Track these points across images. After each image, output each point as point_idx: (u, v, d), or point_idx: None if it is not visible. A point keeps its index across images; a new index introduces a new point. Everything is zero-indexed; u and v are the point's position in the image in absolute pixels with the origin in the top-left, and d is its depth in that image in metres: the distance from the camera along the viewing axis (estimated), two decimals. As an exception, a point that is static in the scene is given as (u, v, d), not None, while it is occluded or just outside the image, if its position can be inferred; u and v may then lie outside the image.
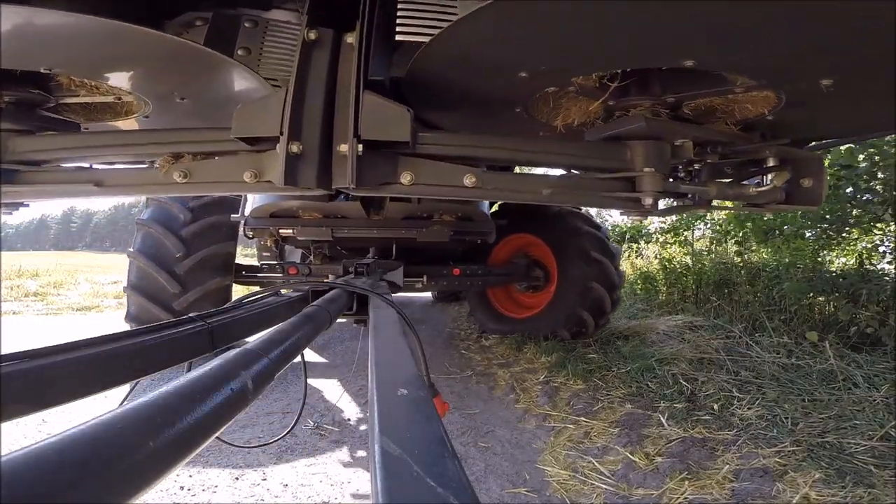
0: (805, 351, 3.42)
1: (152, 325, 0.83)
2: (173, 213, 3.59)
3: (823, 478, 1.86)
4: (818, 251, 4.46)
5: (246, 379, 0.55)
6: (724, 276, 4.86)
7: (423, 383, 0.62)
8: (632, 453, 2.17)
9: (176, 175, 1.44)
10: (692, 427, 2.38)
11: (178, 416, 0.41)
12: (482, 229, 3.85)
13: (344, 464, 2.25)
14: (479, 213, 3.76)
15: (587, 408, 2.79)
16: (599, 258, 4.00)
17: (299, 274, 3.92)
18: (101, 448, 0.32)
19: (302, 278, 3.88)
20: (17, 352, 0.60)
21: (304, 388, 1.77)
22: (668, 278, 5.92)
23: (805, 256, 4.41)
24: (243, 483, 2.07)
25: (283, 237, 3.79)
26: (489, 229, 3.89)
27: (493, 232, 3.92)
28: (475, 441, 2.52)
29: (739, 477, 1.93)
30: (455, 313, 6.66)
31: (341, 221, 3.54)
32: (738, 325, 4.04)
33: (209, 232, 3.57)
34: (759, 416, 2.46)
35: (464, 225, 3.73)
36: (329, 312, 1.19)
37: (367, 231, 3.59)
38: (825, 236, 4.15)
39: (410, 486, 0.35)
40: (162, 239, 3.45)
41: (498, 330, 4.67)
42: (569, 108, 1.79)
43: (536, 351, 3.94)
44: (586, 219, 4.32)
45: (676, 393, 2.83)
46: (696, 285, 5.22)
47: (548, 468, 2.19)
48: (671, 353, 3.49)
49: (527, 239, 4.55)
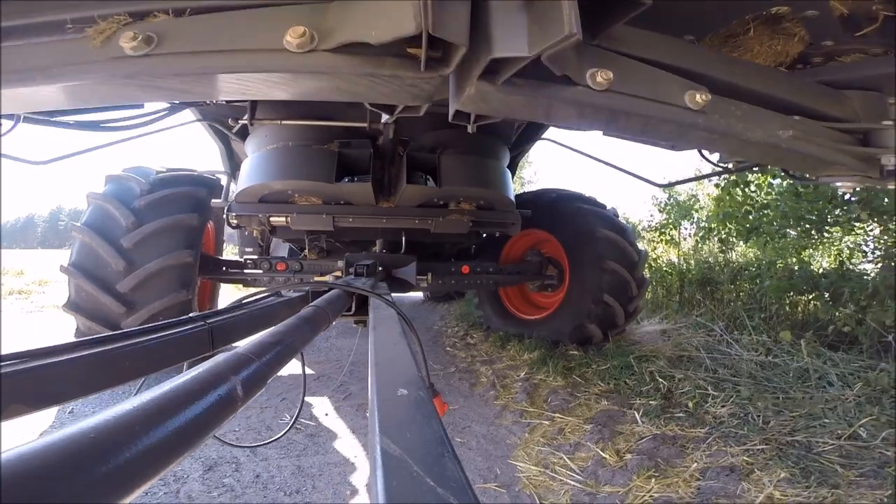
0: (783, 349, 3.45)
1: (152, 325, 0.83)
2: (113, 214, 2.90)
3: (788, 477, 1.88)
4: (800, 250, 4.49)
5: (235, 384, 0.53)
6: (707, 275, 4.89)
7: (422, 383, 0.62)
8: (603, 450, 2.19)
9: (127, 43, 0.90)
10: (665, 424, 2.40)
11: (157, 424, 0.38)
12: (505, 220, 3.38)
13: (316, 457, 2.26)
14: (503, 201, 3.26)
15: (564, 404, 2.80)
16: (615, 268, 3.53)
17: (288, 270, 3.45)
18: (67, 460, 0.30)
19: (290, 275, 3.45)
20: (17, 352, 0.60)
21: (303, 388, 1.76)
22: (653, 276, 5.95)
23: (787, 255, 4.45)
24: (215, 474, 2.08)
25: (273, 227, 3.20)
26: (513, 220, 3.40)
27: (518, 223, 3.45)
28: (452, 436, 2.48)
29: (706, 475, 1.95)
30: (444, 311, 6.66)
31: (345, 209, 3.04)
32: (720, 323, 4.07)
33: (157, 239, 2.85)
34: (731, 414, 2.48)
35: (485, 214, 3.28)
36: (327, 313, 1.15)
37: (374, 220, 3.10)
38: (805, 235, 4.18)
39: (410, 486, 0.35)
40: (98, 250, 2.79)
41: (503, 329, 4.39)
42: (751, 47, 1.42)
43: (520, 348, 3.95)
44: (606, 219, 3.76)
45: (653, 390, 2.85)
46: (681, 283, 5.25)
47: (520, 464, 2.20)
48: (650, 351, 3.51)
49: (538, 235, 4.14)
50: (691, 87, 1.11)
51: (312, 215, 3.02)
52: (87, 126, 2.37)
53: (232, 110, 2.97)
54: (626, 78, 1.06)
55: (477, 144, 3.16)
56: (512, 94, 1.01)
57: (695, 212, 6.85)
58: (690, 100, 1.10)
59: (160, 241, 2.86)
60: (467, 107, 1.07)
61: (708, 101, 1.10)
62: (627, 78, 1.07)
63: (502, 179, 3.30)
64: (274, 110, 2.81)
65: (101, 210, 2.96)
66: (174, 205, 3.04)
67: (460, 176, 3.04)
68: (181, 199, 3.12)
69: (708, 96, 1.10)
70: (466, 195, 3.16)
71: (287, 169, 2.85)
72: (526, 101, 1.06)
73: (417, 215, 3.14)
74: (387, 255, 3.31)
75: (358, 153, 2.94)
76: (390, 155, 3.10)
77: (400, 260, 3.16)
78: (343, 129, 2.87)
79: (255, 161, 3.03)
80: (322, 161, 2.84)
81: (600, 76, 1.01)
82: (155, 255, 2.81)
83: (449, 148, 3.08)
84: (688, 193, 7.24)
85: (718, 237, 5.62)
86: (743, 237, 4.75)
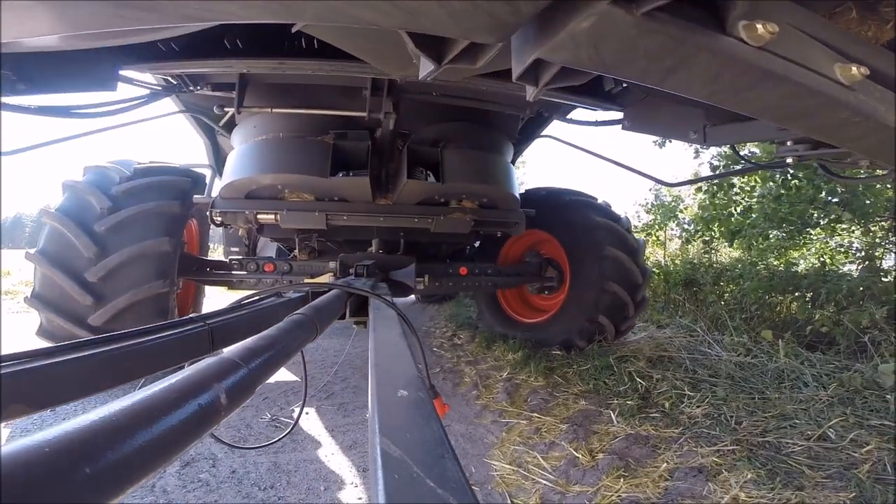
0: (762, 350, 3.50)
1: (152, 325, 0.82)
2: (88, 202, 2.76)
3: (755, 478, 1.91)
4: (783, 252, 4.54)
5: (219, 392, 0.50)
6: (691, 276, 4.93)
7: (422, 384, 0.62)
8: (576, 449, 2.22)
9: None
10: (639, 424, 2.43)
11: (125, 437, 0.35)
12: (509, 219, 3.22)
13: (293, 454, 2.27)
14: (508, 199, 3.09)
15: (543, 404, 2.83)
16: (616, 254, 3.42)
17: (276, 272, 3.25)
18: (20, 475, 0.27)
19: (279, 277, 3.26)
20: (17, 352, 0.60)
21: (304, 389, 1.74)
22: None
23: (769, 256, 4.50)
24: (191, 469, 2.10)
25: (261, 225, 2.98)
26: (517, 219, 3.24)
27: (523, 223, 3.28)
28: (429, 437, 2.55)
29: (674, 475, 1.98)
30: (433, 312, 6.68)
31: (340, 206, 2.83)
32: (702, 323, 4.11)
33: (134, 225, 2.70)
34: (705, 415, 2.52)
35: (488, 213, 3.10)
36: (325, 315, 1.11)
37: (370, 219, 2.89)
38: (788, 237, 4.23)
39: (410, 487, 0.36)
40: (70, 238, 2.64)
41: (502, 333, 4.23)
42: None
43: (505, 349, 3.98)
44: (601, 209, 3.73)
45: (631, 390, 2.88)
46: (665, 284, 5.29)
47: (494, 462, 2.22)
48: (631, 351, 3.55)
49: (537, 235, 4.00)
50: (841, 59, 0.95)
51: (304, 212, 2.79)
52: (57, 112, 2.17)
53: (217, 99, 2.73)
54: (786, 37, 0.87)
55: (482, 139, 3.01)
56: (652, 32, 0.77)
57: (679, 213, 6.90)
58: (843, 73, 0.93)
59: (137, 228, 2.70)
60: (575, 48, 0.79)
61: (865, 74, 0.94)
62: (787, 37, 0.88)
63: (507, 176, 3.16)
64: (264, 97, 2.62)
65: (76, 196, 2.79)
66: (155, 192, 2.90)
67: (464, 171, 2.86)
68: (162, 186, 2.98)
69: (865, 70, 0.93)
70: (470, 192, 2.98)
71: (277, 162, 2.66)
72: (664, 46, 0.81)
73: (417, 213, 2.94)
74: (384, 256, 3.13)
75: (355, 146, 2.73)
76: (389, 148, 2.91)
77: (398, 261, 3.00)
78: (339, 120, 2.69)
79: (241, 153, 2.82)
80: (315, 153, 2.63)
81: (763, 28, 0.79)
82: (130, 242, 2.64)
83: (452, 142, 2.91)
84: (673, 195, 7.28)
85: (702, 239, 5.66)
86: (727, 239, 4.80)
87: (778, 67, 0.88)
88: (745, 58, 0.85)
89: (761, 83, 0.94)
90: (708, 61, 0.86)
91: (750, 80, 0.93)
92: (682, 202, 7.02)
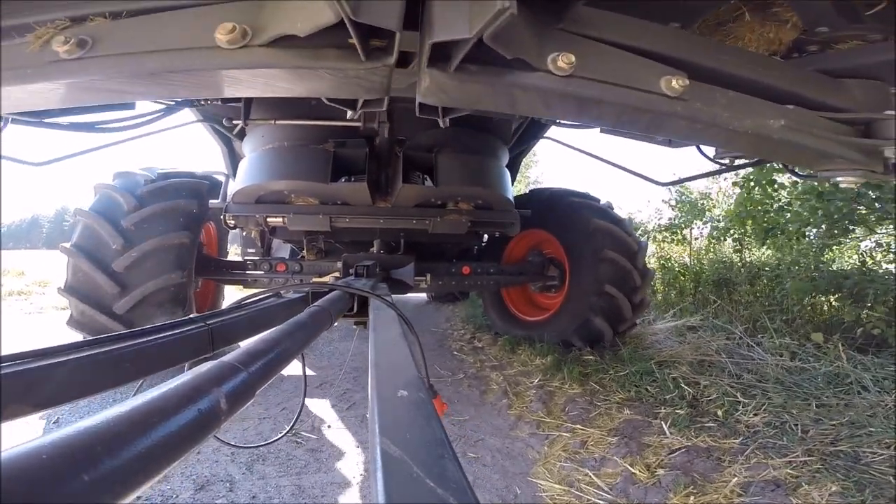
0: (809, 353, 3.29)
1: (152, 326, 0.83)
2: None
3: (840, 491, 1.72)
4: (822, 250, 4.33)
5: (218, 397, 0.50)
6: (723, 276, 4.72)
7: (422, 385, 0.62)
8: (631, 465, 2.02)
9: (61, 47, 0.91)
10: (696, 435, 2.23)
11: (124, 444, 0.35)
12: (504, 220, 3.35)
13: (318, 475, 2.08)
14: (500, 201, 3.22)
15: (583, 414, 2.63)
16: (614, 256, 3.48)
17: (288, 271, 3.42)
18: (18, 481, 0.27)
19: (290, 276, 3.40)
20: (17, 352, 0.60)
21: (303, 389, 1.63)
22: (665, 277, 5.79)
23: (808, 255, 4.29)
24: (207, 494, 1.91)
25: (271, 227, 3.22)
26: (512, 220, 3.37)
27: (517, 223, 3.41)
28: (464, 451, 2.35)
29: (749, 490, 1.78)
30: (449, 313, 6.49)
31: (342, 209, 3.03)
32: (739, 325, 3.90)
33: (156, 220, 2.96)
34: (766, 423, 2.31)
35: (483, 214, 3.24)
36: (325, 316, 1.11)
37: (371, 220, 3.09)
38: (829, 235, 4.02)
39: (410, 487, 0.35)
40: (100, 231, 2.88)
41: (506, 331, 4.32)
42: (742, 35, 1.36)
43: (531, 353, 3.78)
44: (601, 211, 3.79)
45: (678, 398, 2.68)
46: (695, 285, 5.09)
47: (541, 481, 2.03)
48: (670, 356, 3.35)
49: (539, 235, 4.09)
50: (667, 72, 1.04)
51: (309, 216, 3.02)
52: (81, 127, 2.40)
53: (228, 110, 2.99)
54: (593, 62, 0.99)
55: (474, 143, 3.12)
56: (468, 81, 0.97)
57: (708, 211, 6.68)
58: (667, 86, 1.02)
59: (158, 223, 2.97)
60: (427, 98, 1.03)
61: (686, 86, 1.03)
62: (594, 62, 0.99)
63: (500, 179, 3.26)
64: (268, 110, 2.79)
65: (107, 196, 3.08)
66: (175, 192, 3.17)
67: (457, 175, 3.00)
68: (182, 187, 3.25)
69: (686, 81, 1.02)
70: (464, 195, 3.12)
71: (282, 169, 2.85)
72: (484, 90, 1.00)
73: (415, 215, 3.11)
74: (385, 256, 3.27)
75: (353, 153, 2.92)
76: (386, 154, 3.06)
77: (398, 261, 3.13)
78: (339, 129, 2.84)
79: (251, 161, 3.02)
80: (317, 161, 2.82)
81: (562, 60, 0.95)
82: (152, 235, 2.90)
83: (446, 147, 3.03)
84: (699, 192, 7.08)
85: (733, 237, 5.46)
86: (760, 237, 4.60)
87: (594, 92, 0.99)
88: (555, 87, 0.98)
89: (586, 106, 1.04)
90: (526, 93, 1.00)
91: (575, 104, 1.04)
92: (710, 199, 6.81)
